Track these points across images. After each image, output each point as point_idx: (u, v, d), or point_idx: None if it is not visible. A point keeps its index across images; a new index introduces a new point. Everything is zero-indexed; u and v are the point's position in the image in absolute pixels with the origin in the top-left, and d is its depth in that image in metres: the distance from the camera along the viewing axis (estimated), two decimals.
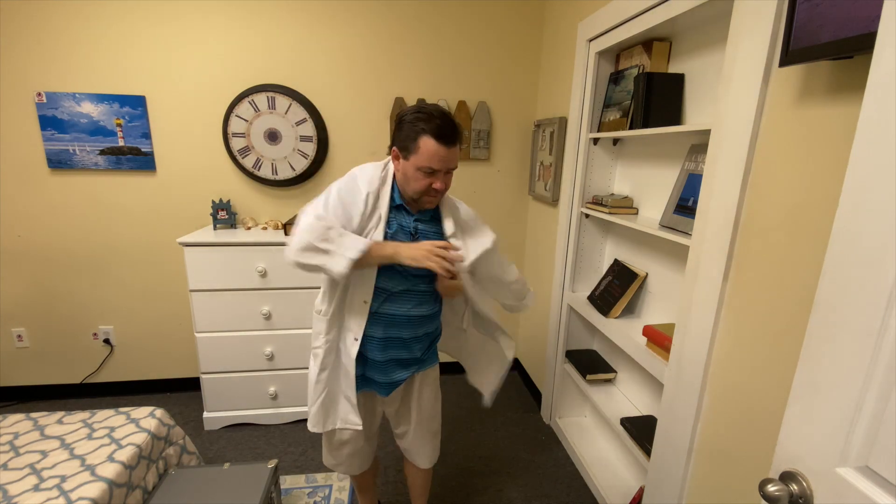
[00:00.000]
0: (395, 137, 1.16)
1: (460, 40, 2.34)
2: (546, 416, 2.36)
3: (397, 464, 2.00)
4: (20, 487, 1.19)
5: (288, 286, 2.09)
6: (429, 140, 1.08)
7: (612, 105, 1.77)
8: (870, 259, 0.53)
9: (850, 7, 0.70)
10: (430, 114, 1.09)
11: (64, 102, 2.08)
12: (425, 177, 1.12)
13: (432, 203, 1.20)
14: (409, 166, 1.13)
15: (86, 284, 2.33)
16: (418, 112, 1.10)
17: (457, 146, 1.14)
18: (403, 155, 1.14)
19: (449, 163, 1.13)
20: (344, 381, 1.27)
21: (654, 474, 1.37)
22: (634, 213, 1.75)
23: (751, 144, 1.00)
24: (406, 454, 1.53)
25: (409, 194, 1.18)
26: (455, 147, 1.13)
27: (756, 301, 1.01)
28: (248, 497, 1.33)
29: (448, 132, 1.09)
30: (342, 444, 1.39)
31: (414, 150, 1.10)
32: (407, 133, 1.11)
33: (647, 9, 1.43)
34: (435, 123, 1.08)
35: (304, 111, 2.24)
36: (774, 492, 0.62)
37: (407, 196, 1.20)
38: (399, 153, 1.15)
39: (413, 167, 1.12)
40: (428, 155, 1.09)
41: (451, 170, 1.16)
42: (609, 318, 1.76)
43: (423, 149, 1.09)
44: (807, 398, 0.62)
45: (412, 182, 1.14)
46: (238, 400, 2.21)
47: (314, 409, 1.30)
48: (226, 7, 2.11)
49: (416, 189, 1.14)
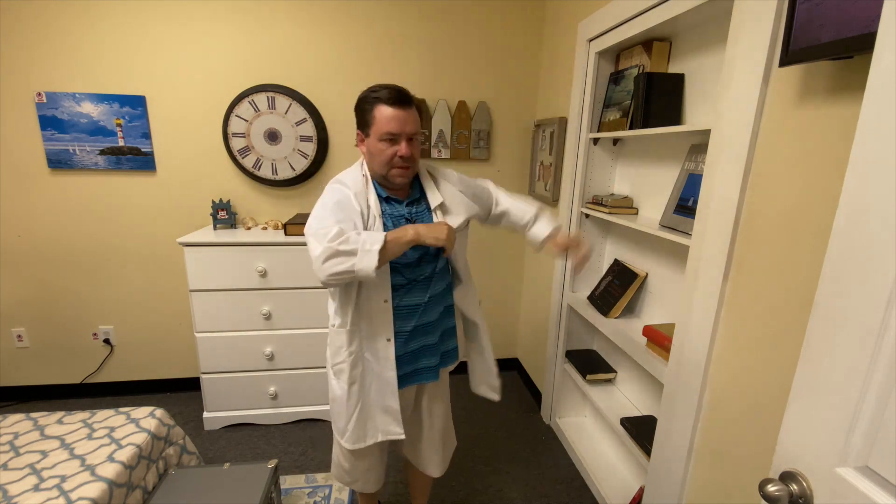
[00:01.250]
0: (357, 123, 1.20)
1: (460, 40, 2.34)
2: (546, 416, 2.36)
3: (396, 464, 1.99)
4: (20, 487, 1.19)
5: (288, 286, 2.09)
6: (382, 107, 1.11)
7: (612, 105, 1.77)
8: (870, 259, 0.53)
9: (850, 7, 0.70)
10: (379, 86, 1.14)
11: (64, 102, 2.08)
12: (389, 146, 1.13)
13: (404, 176, 1.18)
14: (372, 141, 1.15)
15: (86, 284, 2.33)
16: (369, 90, 1.15)
17: (412, 109, 1.14)
18: (365, 132, 1.17)
19: (406, 125, 1.13)
20: (379, 390, 1.24)
21: (654, 474, 1.37)
22: (634, 213, 1.75)
23: (751, 144, 1.00)
24: (415, 462, 1.49)
25: (380, 172, 1.17)
26: (411, 110, 1.14)
27: (756, 301, 1.01)
28: (248, 497, 1.33)
29: (397, 96, 1.12)
30: (362, 457, 1.36)
31: (372, 122, 1.13)
32: (363, 109, 1.15)
33: (647, 9, 1.43)
34: (384, 92, 1.11)
35: (304, 111, 2.24)
36: (774, 492, 0.62)
37: (379, 177, 1.19)
38: (362, 134, 1.18)
39: (375, 140, 1.14)
40: (385, 120, 1.11)
41: (413, 136, 1.15)
42: (609, 318, 1.76)
43: (379, 116, 1.12)
44: (807, 398, 0.62)
45: (378, 157, 1.15)
46: (238, 400, 2.21)
47: (350, 425, 1.25)
48: (226, 7, 2.11)
49: (383, 161, 1.15)
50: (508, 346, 2.89)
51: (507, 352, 2.89)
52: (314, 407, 2.29)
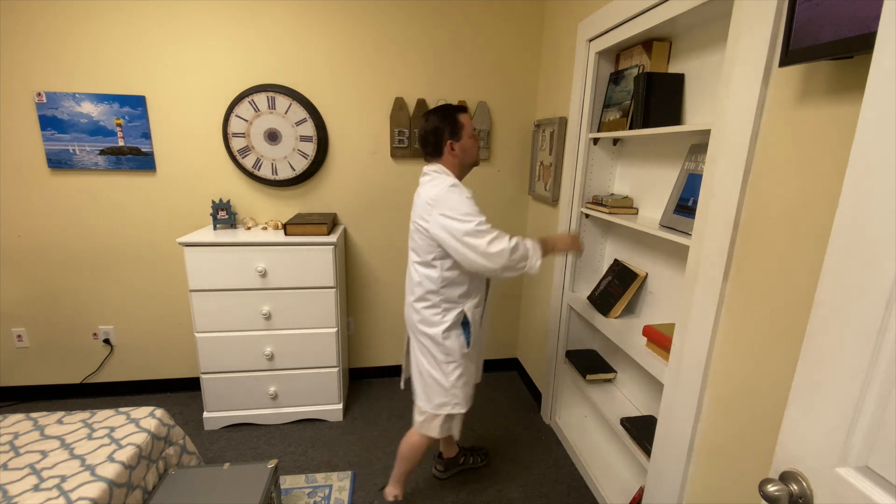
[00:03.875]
0: (442, 140, 1.48)
1: (460, 40, 2.34)
2: (546, 416, 2.36)
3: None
4: (20, 487, 1.19)
5: (288, 286, 2.09)
6: (461, 115, 1.49)
7: (612, 105, 1.77)
8: (870, 259, 0.53)
9: (850, 7, 0.70)
10: (444, 104, 1.52)
11: (64, 102, 2.08)
12: (476, 138, 1.54)
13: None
14: (465, 139, 1.49)
15: (86, 284, 2.33)
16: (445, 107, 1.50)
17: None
18: (456, 138, 1.48)
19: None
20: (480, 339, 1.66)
21: (654, 474, 1.37)
22: (634, 213, 1.75)
23: (751, 144, 1.00)
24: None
25: (471, 160, 1.55)
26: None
27: (756, 301, 1.01)
28: (248, 497, 1.33)
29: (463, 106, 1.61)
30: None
31: (460, 127, 1.48)
32: (448, 124, 1.47)
33: (647, 9, 1.43)
34: (456, 105, 1.52)
35: (304, 111, 2.24)
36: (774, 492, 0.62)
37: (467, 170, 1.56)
38: (453, 142, 1.48)
39: (467, 137, 1.50)
40: (468, 121, 1.50)
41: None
42: (609, 318, 1.76)
43: (464, 121, 1.49)
44: (807, 398, 0.62)
45: (471, 149, 1.52)
46: (238, 400, 2.21)
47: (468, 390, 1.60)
48: (226, 7, 2.11)
49: (475, 150, 1.54)
50: (508, 346, 2.89)
51: (507, 352, 2.89)
52: (314, 407, 2.29)
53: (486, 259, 1.35)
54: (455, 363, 1.54)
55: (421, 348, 1.56)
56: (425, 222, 1.42)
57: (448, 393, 1.55)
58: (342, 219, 2.49)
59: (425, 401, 1.58)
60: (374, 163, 2.42)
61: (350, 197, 2.45)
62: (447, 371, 1.54)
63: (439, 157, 1.50)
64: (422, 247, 1.47)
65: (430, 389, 1.56)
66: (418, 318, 1.53)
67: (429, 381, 1.56)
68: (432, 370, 1.54)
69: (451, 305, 1.51)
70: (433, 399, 1.56)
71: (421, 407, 1.60)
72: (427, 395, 1.57)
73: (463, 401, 1.58)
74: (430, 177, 1.48)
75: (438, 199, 1.40)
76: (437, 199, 1.40)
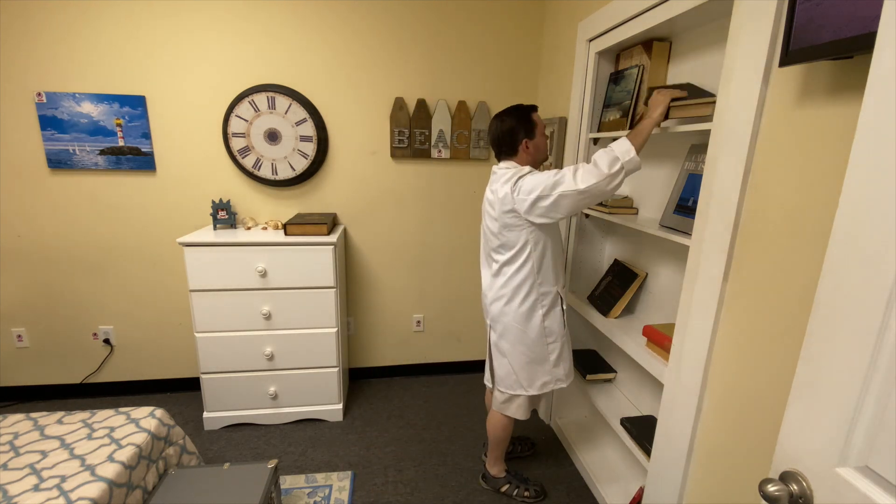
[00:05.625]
0: (517, 140, 1.55)
1: (460, 40, 2.34)
2: (546, 416, 2.36)
3: (397, 464, 2.00)
4: (20, 487, 1.19)
5: (288, 286, 2.09)
6: (534, 114, 1.58)
7: (612, 105, 1.77)
8: (870, 259, 0.53)
9: (850, 7, 0.70)
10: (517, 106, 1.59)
11: (64, 102, 2.08)
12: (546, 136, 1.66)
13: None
14: (538, 136, 1.58)
15: (86, 284, 2.33)
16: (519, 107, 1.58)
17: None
18: (531, 136, 1.56)
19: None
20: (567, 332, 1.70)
21: (654, 474, 1.37)
22: (634, 213, 1.75)
23: (751, 144, 1.01)
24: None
25: (543, 158, 1.64)
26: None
27: (756, 301, 1.01)
28: (248, 497, 1.33)
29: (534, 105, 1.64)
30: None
31: (534, 125, 1.57)
32: (524, 123, 1.55)
33: (646, 9, 1.43)
34: (525, 106, 1.58)
35: (304, 111, 2.24)
36: (774, 492, 0.62)
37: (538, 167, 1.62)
38: (528, 140, 1.56)
39: (540, 135, 1.59)
40: (540, 120, 1.60)
41: None
42: (609, 318, 1.76)
43: (537, 119, 1.58)
44: (807, 398, 0.62)
45: (543, 146, 1.61)
46: (238, 400, 2.21)
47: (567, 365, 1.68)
48: (226, 7, 2.11)
49: (546, 147, 1.64)
50: None
51: None
52: (314, 407, 2.29)
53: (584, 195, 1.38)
54: (556, 342, 1.63)
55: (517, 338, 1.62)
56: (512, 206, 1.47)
57: (550, 372, 1.65)
58: (342, 219, 2.49)
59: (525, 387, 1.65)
60: (374, 163, 2.42)
61: (350, 197, 2.45)
62: (550, 351, 1.63)
63: (514, 155, 1.58)
64: (510, 240, 1.53)
65: (532, 374, 1.64)
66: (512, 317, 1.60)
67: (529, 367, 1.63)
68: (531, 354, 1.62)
69: (547, 290, 1.58)
70: (535, 381, 1.65)
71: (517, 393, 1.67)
72: (530, 380, 1.64)
73: (564, 376, 1.68)
74: (503, 172, 1.55)
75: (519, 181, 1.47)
76: (518, 184, 1.47)
